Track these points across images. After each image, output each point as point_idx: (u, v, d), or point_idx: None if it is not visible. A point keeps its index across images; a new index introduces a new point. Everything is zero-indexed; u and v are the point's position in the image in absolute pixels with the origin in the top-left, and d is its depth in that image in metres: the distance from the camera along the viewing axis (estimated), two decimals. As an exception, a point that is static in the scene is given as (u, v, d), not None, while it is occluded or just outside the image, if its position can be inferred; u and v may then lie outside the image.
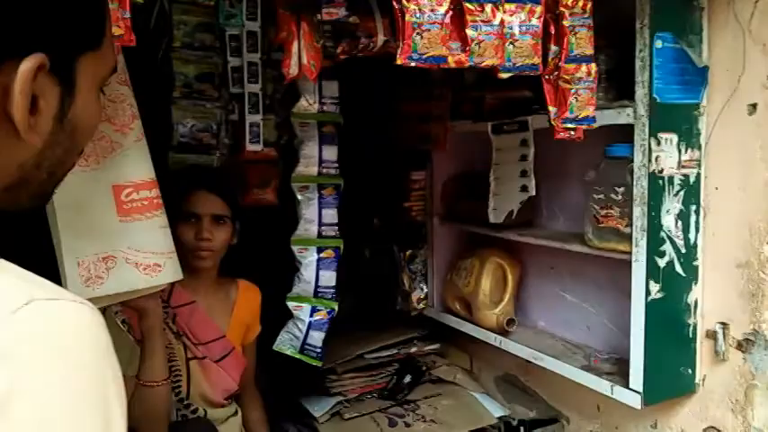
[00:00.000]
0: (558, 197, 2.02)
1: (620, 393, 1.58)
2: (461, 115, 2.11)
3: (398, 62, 1.18)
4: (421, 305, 2.34)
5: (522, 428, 2.09)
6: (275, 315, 1.93)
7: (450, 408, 2.12)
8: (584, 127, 1.37)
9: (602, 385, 1.64)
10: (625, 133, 1.52)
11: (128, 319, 1.56)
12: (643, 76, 1.47)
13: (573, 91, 1.32)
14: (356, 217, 2.61)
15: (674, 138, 1.50)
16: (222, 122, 1.72)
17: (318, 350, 1.88)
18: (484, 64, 1.25)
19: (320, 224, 1.85)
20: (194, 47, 1.65)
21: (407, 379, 2.25)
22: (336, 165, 1.86)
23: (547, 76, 1.35)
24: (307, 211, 1.85)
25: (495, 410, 2.12)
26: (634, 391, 1.54)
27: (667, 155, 1.50)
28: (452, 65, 1.23)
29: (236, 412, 1.81)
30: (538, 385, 2.13)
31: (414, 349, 2.36)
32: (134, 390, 1.48)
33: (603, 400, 1.80)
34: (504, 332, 2.01)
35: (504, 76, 1.29)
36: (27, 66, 0.58)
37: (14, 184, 0.64)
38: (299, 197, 1.85)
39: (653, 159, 1.48)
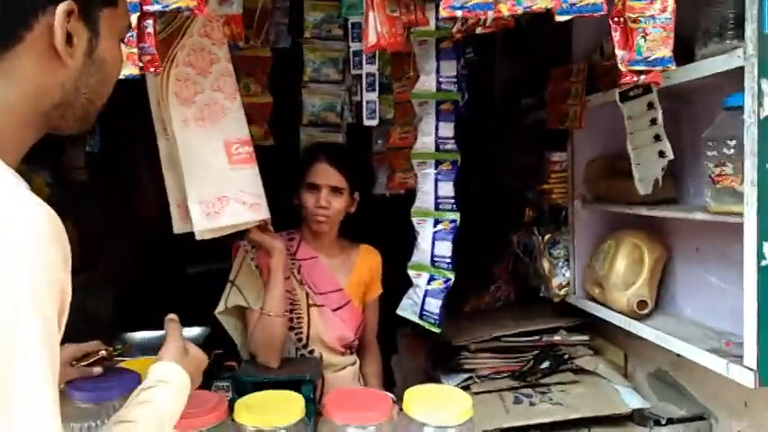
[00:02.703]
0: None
1: (736, 372, 1.39)
2: (598, 89, 2.03)
3: (442, 14, 1.25)
4: (562, 291, 2.26)
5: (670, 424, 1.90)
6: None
7: (582, 395, 2.01)
8: (658, 69, 1.27)
9: (719, 364, 1.46)
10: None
11: (259, 265, 1.85)
12: (752, 9, 1.31)
13: (640, 30, 1.24)
14: (505, 205, 2.63)
15: (792, 78, 1.30)
16: (346, 103, 1.92)
17: (436, 316, 1.95)
18: (536, 7, 1.25)
19: (437, 197, 1.94)
20: (321, 36, 1.89)
21: (545, 365, 2.19)
22: (453, 141, 1.93)
23: (616, 18, 1.29)
24: (424, 185, 1.95)
25: (632, 402, 1.95)
26: (748, 368, 1.34)
27: (784, 98, 1.30)
28: (504, 12, 1.26)
29: (354, 363, 1.97)
30: (688, 382, 1.92)
31: (558, 338, 2.27)
32: (257, 319, 1.75)
33: (749, 396, 1.60)
34: (635, 315, 1.86)
35: (562, 18, 1.27)
36: (62, 8, 0.83)
37: (60, 102, 0.89)
38: (418, 172, 1.96)
39: (765, 104, 1.30)
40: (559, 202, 2.25)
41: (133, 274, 2.87)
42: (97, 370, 1.27)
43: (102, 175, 2.67)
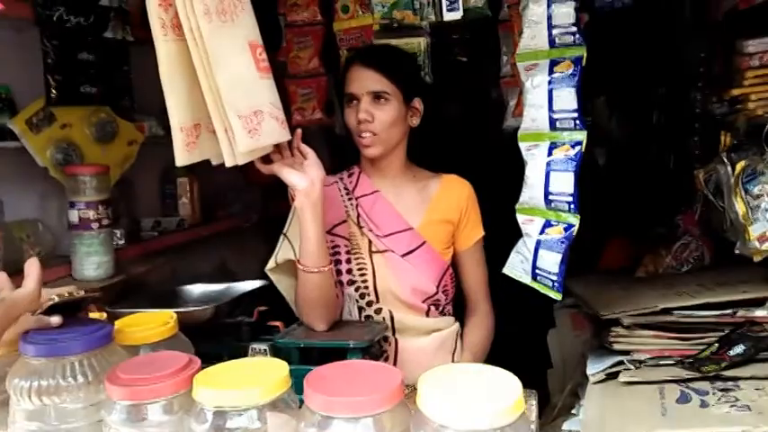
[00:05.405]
0: None
1: None
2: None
3: None
4: (766, 245, 1.54)
5: None
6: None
7: (790, 397, 1.33)
8: None
9: None
10: None
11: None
12: None
13: None
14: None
15: None
16: (428, -3, 1.48)
17: (554, 277, 1.42)
18: None
19: (551, 110, 1.40)
20: None
21: (737, 350, 1.52)
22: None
23: None
24: (533, 97, 1.43)
25: None
26: None
27: None
28: None
29: (446, 328, 1.56)
30: None
31: (762, 313, 1.58)
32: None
33: None
34: None
35: None
36: None
37: None
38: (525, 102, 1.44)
39: None
40: (759, 113, 1.54)
41: (255, 230, 2.73)
42: (55, 320, 1.07)
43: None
